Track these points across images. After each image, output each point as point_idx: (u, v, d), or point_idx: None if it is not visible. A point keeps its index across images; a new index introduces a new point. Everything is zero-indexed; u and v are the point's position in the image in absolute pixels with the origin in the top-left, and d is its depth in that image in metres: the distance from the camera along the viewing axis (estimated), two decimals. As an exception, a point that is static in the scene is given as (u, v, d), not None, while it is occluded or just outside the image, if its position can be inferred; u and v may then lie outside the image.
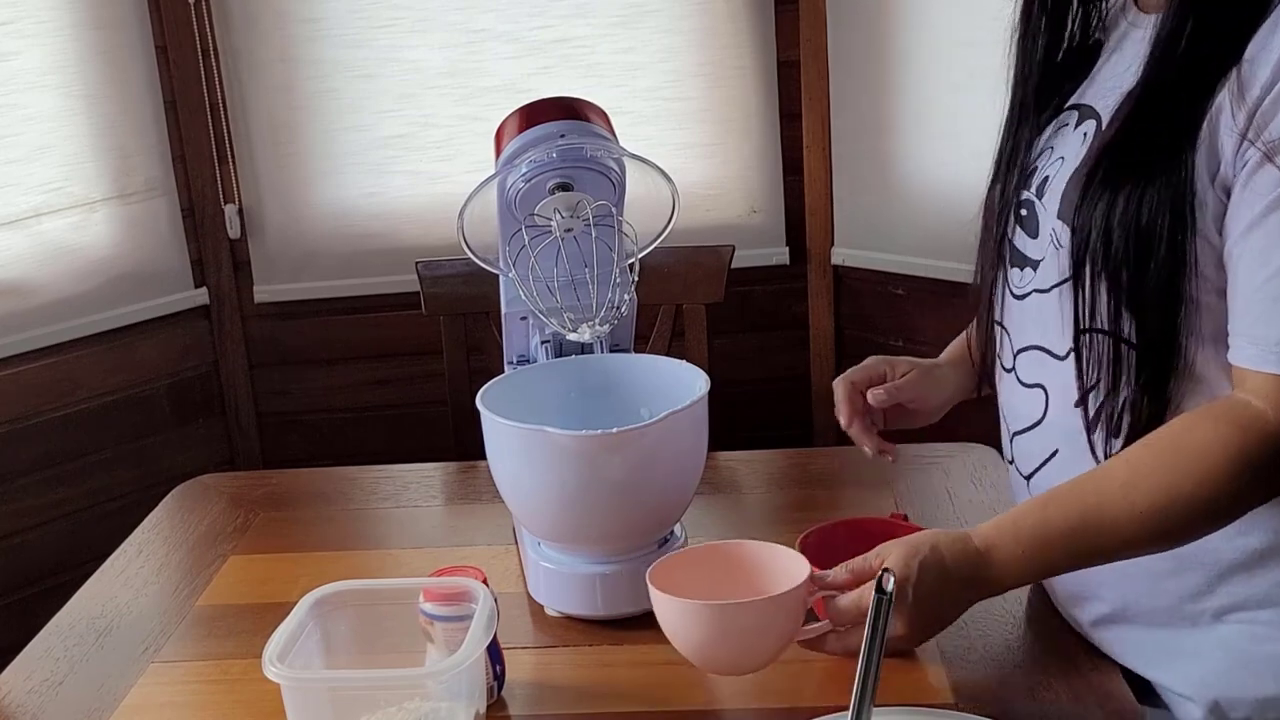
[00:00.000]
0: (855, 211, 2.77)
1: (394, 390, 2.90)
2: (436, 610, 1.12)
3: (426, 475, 1.72)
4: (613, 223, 1.39)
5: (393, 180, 2.80)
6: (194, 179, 2.76)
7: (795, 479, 1.67)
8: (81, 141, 2.60)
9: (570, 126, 1.36)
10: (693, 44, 2.74)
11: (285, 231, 2.83)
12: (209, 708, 1.23)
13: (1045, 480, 1.17)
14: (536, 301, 1.39)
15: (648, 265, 1.47)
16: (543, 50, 2.72)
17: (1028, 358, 1.19)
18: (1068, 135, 1.16)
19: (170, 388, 2.79)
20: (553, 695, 1.20)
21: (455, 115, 2.75)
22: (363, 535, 1.57)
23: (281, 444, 2.93)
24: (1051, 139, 1.18)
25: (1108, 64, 1.17)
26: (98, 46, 2.60)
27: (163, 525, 1.62)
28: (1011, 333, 1.21)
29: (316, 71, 2.73)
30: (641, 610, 1.30)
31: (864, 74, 2.68)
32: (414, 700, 1.07)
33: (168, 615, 1.39)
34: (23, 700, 1.24)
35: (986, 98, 1.32)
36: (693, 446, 1.30)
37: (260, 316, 2.86)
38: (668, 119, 2.76)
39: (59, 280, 2.61)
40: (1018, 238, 1.19)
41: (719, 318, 2.01)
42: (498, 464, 1.30)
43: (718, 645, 1.07)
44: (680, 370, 1.38)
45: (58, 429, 2.62)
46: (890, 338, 2.75)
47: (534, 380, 1.41)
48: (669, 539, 1.33)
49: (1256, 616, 1.08)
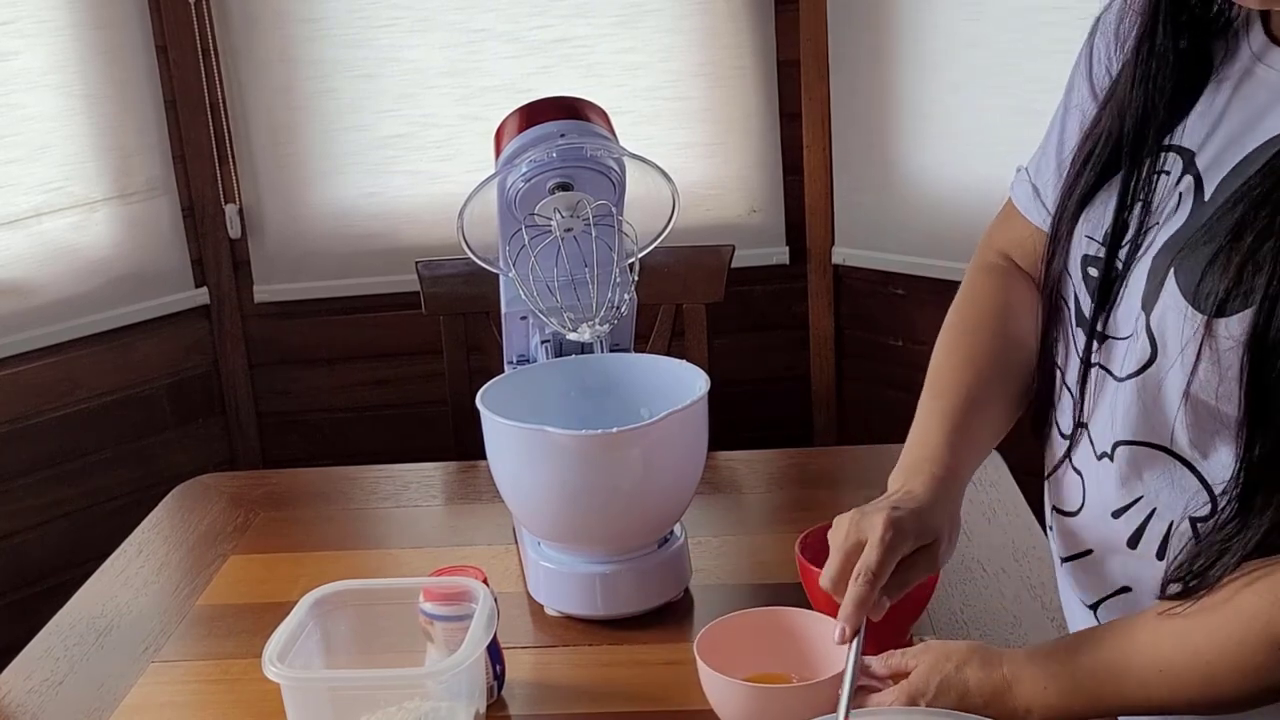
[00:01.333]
0: (855, 211, 2.76)
1: (394, 390, 2.90)
2: (436, 610, 1.12)
3: (426, 475, 1.72)
4: (613, 222, 1.39)
5: (393, 180, 2.80)
6: (194, 179, 2.76)
7: (795, 479, 1.67)
8: (82, 141, 2.60)
9: (570, 126, 1.36)
10: (693, 44, 2.74)
11: (285, 231, 2.83)
12: (209, 708, 1.23)
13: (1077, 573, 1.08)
14: (536, 301, 1.39)
15: (648, 265, 1.47)
16: (543, 50, 2.71)
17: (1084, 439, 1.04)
18: (1165, 193, 0.97)
19: (170, 387, 2.79)
20: (553, 695, 1.20)
21: (455, 115, 2.75)
22: (363, 535, 1.57)
23: (281, 444, 2.93)
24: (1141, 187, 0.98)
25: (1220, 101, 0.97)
26: (98, 46, 2.60)
27: (163, 525, 1.62)
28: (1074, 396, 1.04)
29: (317, 71, 2.73)
30: (641, 610, 1.30)
31: (864, 74, 2.67)
32: (414, 700, 1.07)
33: (168, 615, 1.39)
34: (23, 700, 1.24)
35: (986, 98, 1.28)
36: (693, 446, 1.30)
37: (260, 316, 2.86)
38: (668, 119, 2.76)
39: (59, 280, 2.61)
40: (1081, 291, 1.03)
41: (719, 317, 2.01)
42: (498, 464, 1.30)
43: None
44: (680, 370, 1.37)
45: (58, 429, 2.62)
46: (890, 337, 2.75)
47: (534, 380, 1.41)
48: (669, 539, 1.33)
49: None
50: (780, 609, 1.15)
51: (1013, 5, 2.44)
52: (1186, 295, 0.91)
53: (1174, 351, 0.92)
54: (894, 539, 0.98)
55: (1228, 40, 0.98)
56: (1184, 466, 0.95)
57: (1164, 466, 0.96)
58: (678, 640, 1.25)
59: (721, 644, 1.10)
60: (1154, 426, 0.95)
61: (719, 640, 1.11)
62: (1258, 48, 0.95)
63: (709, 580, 1.38)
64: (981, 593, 1.32)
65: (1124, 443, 0.98)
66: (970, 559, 1.38)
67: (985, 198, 2.50)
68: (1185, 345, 0.91)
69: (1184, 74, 0.98)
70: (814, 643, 1.12)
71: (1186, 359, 0.91)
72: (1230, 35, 0.98)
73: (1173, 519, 0.97)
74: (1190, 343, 0.90)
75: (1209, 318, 0.88)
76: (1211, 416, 0.92)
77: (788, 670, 1.12)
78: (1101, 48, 1.08)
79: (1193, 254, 0.91)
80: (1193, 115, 0.97)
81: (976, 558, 1.38)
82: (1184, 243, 0.93)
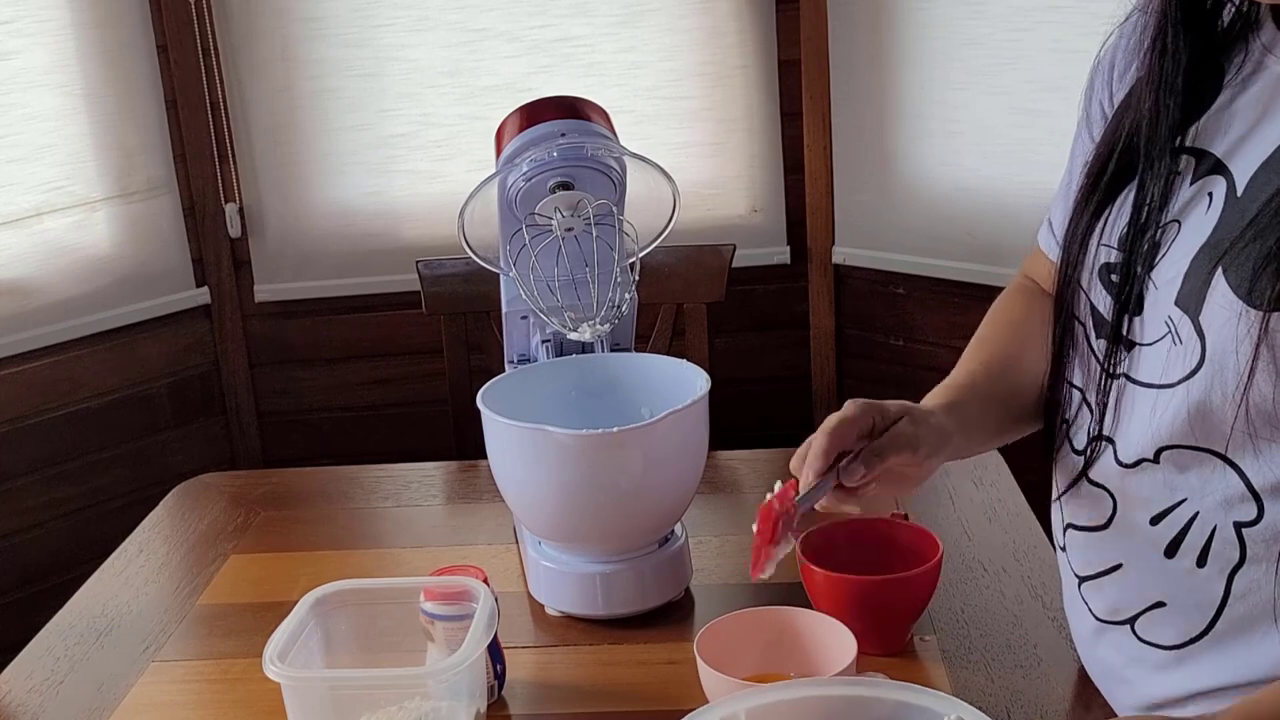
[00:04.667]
0: (856, 211, 2.76)
1: (394, 390, 2.90)
2: (437, 609, 1.12)
3: (427, 475, 1.72)
4: (613, 222, 1.39)
5: (393, 179, 2.80)
6: (195, 178, 2.76)
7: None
8: (82, 141, 2.60)
9: (571, 125, 1.36)
10: (694, 43, 2.74)
11: (286, 230, 2.83)
12: (209, 707, 1.23)
13: (1103, 590, 1.05)
14: (537, 300, 1.39)
15: (648, 264, 1.47)
16: (543, 49, 2.71)
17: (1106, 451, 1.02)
18: (1182, 192, 0.97)
19: (171, 387, 2.79)
20: (553, 694, 1.20)
21: (456, 114, 2.75)
22: (363, 535, 1.57)
23: (282, 443, 2.93)
24: (1156, 187, 0.97)
25: (1233, 99, 0.97)
26: (99, 45, 2.60)
27: (163, 524, 1.62)
28: (1093, 410, 1.03)
29: (317, 70, 2.73)
30: (642, 610, 1.30)
31: (865, 74, 2.67)
32: (414, 700, 1.07)
33: (168, 614, 1.39)
34: (23, 700, 1.24)
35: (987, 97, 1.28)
36: (693, 446, 1.30)
37: (261, 316, 2.86)
38: (668, 118, 2.76)
39: (60, 279, 2.61)
40: (1102, 301, 1.02)
41: (720, 317, 2.00)
42: (498, 463, 1.30)
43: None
44: (681, 369, 1.37)
45: (59, 428, 2.62)
46: (891, 337, 2.75)
47: (534, 379, 1.41)
48: (669, 538, 1.33)
49: None
50: (780, 609, 1.15)
51: (1013, 5, 2.44)
52: (1240, 294, 0.89)
53: (1228, 351, 0.90)
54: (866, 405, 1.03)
55: (1236, 40, 0.98)
56: (1231, 469, 0.94)
57: (1210, 469, 0.94)
58: (678, 640, 1.25)
59: (721, 644, 1.11)
60: (1205, 430, 0.93)
61: (719, 640, 1.11)
62: (1267, 39, 0.95)
63: (709, 580, 1.38)
64: (982, 593, 1.32)
65: (1170, 447, 0.96)
66: (971, 559, 1.38)
67: (986, 197, 2.52)
68: (1239, 344, 0.89)
69: (1195, 74, 0.97)
70: (814, 643, 1.12)
71: (1242, 358, 0.89)
72: (1239, 35, 0.98)
73: (1216, 523, 0.95)
74: (1245, 341, 0.88)
75: (1266, 313, 0.87)
76: (1265, 418, 0.90)
77: (788, 670, 1.12)
78: (1099, 85, 1.09)
79: (1242, 252, 0.90)
80: (1205, 116, 0.97)
81: (977, 557, 1.38)
82: (1229, 242, 0.91)
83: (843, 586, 1.18)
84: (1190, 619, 0.98)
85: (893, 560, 1.24)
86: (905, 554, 1.24)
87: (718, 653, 1.09)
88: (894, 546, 1.26)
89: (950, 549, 1.35)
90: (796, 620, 1.14)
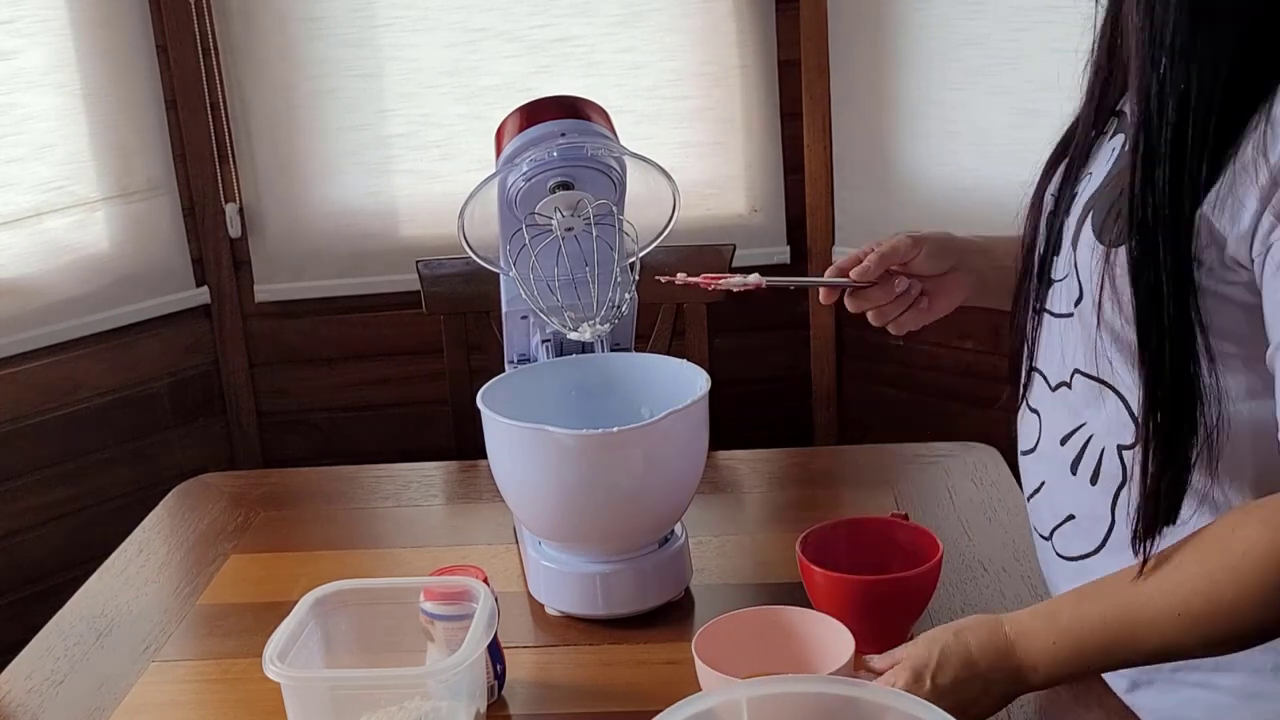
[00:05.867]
0: (855, 210, 2.76)
1: (394, 390, 2.90)
2: (437, 609, 1.12)
3: (426, 475, 1.72)
4: (613, 221, 1.39)
5: (393, 179, 2.80)
6: (194, 178, 2.76)
7: (795, 479, 1.67)
8: (82, 140, 2.60)
9: (571, 125, 1.36)
10: (694, 43, 2.74)
11: (286, 230, 2.82)
12: (209, 707, 1.23)
13: (1037, 507, 1.15)
14: (537, 300, 1.39)
15: (648, 264, 1.47)
16: (543, 49, 2.71)
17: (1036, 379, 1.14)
18: (1102, 145, 1.09)
19: (171, 387, 2.79)
20: (553, 694, 1.20)
21: (456, 114, 2.75)
22: (363, 535, 1.57)
23: (282, 443, 2.93)
24: (1095, 144, 1.10)
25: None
26: (98, 45, 2.60)
27: (163, 524, 1.62)
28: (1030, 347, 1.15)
29: (317, 70, 2.73)
30: (642, 610, 1.30)
31: (864, 74, 2.67)
32: (414, 699, 1.07)
33: (168, 614, 1.39)
34: (23, 700, 1.24)
35: (986, 97, 1.30)
36: (693, 446, 1.30)
37: (261, 315, 2.86)
38: (668, 118, 2.76)
39: (60, 279, 2.60)
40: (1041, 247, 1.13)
41: (719, 317, 2.00)
42: (498, 463, 1.30)
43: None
44: (681, 369, 1.37)
45: (58, 428, 2.62)
46: (891, 337, 2.74)
47: (534, 379, 1.41)
48: (669, 538, 1.33)
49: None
50: (780, 608, 1.15)
51: (1012, 4, 2.44)
52: (1095, 232, 1.02)
53: (1092, 284, 1.02)
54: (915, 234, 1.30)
55: None
56: (1112, 393, 1.04)
57: (1097, 393, 1.05)
58: (678, 640, 1.25)
59: (721, 643, 1.10)
60: (1091, 355, 1.04)
61: (719, 640, 1.11)
62: None
63: (709, 580, 1.38)
64: (982, 593, 1.32)
65: (1078, 372, 1.07)
66: (971, 559, 1.38)
67: (985, 197, 2.52)
68: (1093, 278, 1.01)
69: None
70: (814, 642, 1.12)
71: (1094, 290, 1.01)
72: None
73: (1104, 445, 1.05)
74: (1095, 274, 1.01)
75: (1108, 249, 1.00)
76: (1121, 344, 1.01)
77: (787, 670, 1.12)
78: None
79: (1104, 197, 1.03)
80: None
81: (977, 557, 1.38)
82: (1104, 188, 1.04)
83: (842, 586, 1.18)
84: (1091, 533, 1.08)
85: (893, 560, 1.24)
86: (905, 554, 1.24)
87: (716, 652, 1.09)
88: (894, 546, 1.26)
89: (950, 549, 1.35)
90: (795, 620, 1.14)
